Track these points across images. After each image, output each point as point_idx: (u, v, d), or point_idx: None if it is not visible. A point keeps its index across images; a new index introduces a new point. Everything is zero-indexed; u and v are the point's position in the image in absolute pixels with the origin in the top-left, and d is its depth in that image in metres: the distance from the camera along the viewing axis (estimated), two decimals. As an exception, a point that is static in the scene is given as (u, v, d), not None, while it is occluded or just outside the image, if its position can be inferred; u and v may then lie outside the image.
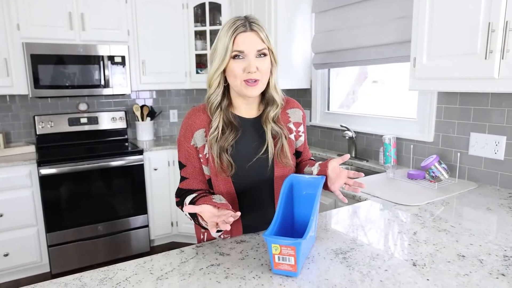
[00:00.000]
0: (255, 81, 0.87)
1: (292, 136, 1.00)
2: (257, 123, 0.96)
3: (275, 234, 0.79)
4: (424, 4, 1.31)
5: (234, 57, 0.86)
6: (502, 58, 1.09)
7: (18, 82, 2.23)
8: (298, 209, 0.92)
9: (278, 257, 0.75)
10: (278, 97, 0.95)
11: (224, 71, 0.89)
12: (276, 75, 0.95)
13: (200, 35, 2.72)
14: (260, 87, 0.89)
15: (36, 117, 2.47)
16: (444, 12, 1.25)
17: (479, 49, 1.15)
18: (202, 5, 2.64)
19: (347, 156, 0.91)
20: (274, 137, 0.95)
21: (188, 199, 0.91)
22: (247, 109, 0.96)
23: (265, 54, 0.88)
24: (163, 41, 2.61)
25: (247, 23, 0.86)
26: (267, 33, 0.89)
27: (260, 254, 0.86)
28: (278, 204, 0.85)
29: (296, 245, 0.72)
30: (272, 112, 0.94)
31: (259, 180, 0.94)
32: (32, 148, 2.37)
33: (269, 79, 0.92)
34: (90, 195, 2.30)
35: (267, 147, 0.93)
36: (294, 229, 0.93)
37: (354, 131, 2.00)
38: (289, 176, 0.91)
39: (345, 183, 0.89)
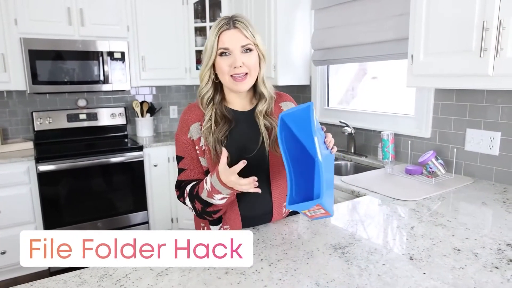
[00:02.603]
0: (244, 75, 0.91)
1: None
2: (251, 116, 0.99)
3: (295, 195, 0.82)
4: (420, 2, 1.32)
5: (221, 54, 0.91)
6: (496, 56, 1.11)
7: (16, 78, 2.21)
8: (307, 141, 0.85)
9: (309, 212, 0.81)
10: (266, 91, 0.99)
11: (214, 68, 0.94)
12: (277, 71, 0.97)
13: (200, 31, 2.71)
14: (249, 82, 0.94)
15: (34, 113, 2.46)
16: (440, 10, 1.26)
17: (474, 47, 1.16)
18: (202, 1, 2.63)
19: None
20: (267, 129, 0.98)
21: (188, 187, 0.95)
22: (240, 102, 1.00)
23: (250, 49, 0.92)
24: (163, 37, 2.59)
25: (230, 22, 0.91)
26: (253, 30, 0.93)
27: (260, 249, 0.88)
28: (285, 163, 0.82)
29: (318, 202, 0.76)
30: (261, 106, 0.98)
31: (256, 170, 0.97)
32: (30, 145, 2.37)
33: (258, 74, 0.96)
34: (89, 192, 2.30)
35: (263, 139, 0.97)
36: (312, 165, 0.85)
37: (353, 127, 2.01)
38: (279, 118, 0.84)
39: None
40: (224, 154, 0.86)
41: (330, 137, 0.86)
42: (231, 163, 0.93)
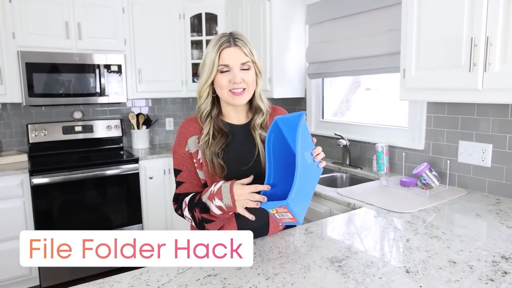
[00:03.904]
0: (242, 90, 0.94)
1: None
2: (247, 129, 1.02)
3: (270, 191, 0.84)
4: (411, 19, 1.36)
5: (221, 71, 0.94)
6: (485, 71, 1.14)
7: (12, 90, 2.21)
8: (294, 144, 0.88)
9: (277, 215, 0.81)
10: (264, 105, 1.02)
11: (212, 83, 0.97)
12: (272, 84, 0.99)
13: (196, 44, 2.76)
14: (247, 96, 0.97)
15: (29, 125, 2.45)
16: (430, 27, 1.31)
17: (463, 62, 1.20)
18: (199, 16, 2.68)
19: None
20: (263, 141, 1.00)
21: (187, 197, 0.95)
22: (236, 116, 1.02)
23: (249, 67, 0.95)
24: (160, 50, 2.63)
25: (231, 39, 0.94)
26: (251, 47, 0.96)
27: (257, 263, 0.87)
28: (266, 162, 0.86)
29: (284, 204, 0.77)
30: (259, 119, 1.01)
31: (252, 182, 0.98)
32: (24, 157, 2.35)
33: (254, 89, 0.99)
34: (84, 205, 2.27)
35: (259, 151, 0.99)
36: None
37: (348, 139, 2.03)
38: (273, 121, 0.88)
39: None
40: (249, 178, 0.89)
41: (319, 150, 0.87)
42: (227, 175, 0.95)
